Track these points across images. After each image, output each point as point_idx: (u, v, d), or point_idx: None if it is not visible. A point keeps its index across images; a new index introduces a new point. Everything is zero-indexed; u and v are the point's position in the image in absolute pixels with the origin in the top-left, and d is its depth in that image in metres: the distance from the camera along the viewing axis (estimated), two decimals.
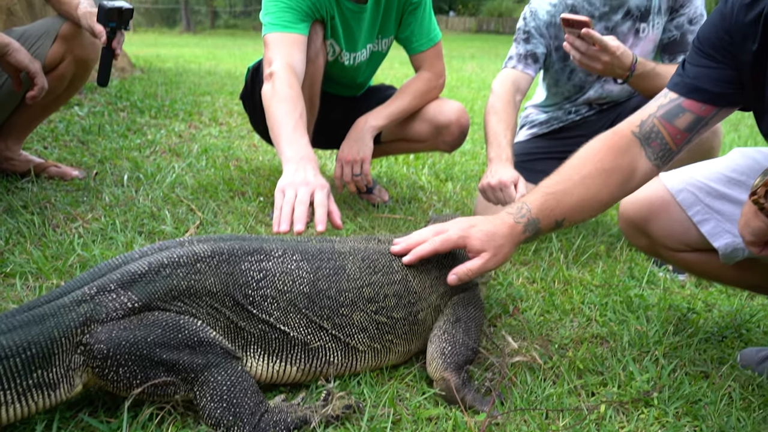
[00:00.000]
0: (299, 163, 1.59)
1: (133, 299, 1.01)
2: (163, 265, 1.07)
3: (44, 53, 2.17)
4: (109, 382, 0.98)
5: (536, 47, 2.22)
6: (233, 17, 31.81)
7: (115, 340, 0.97)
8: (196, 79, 6.26)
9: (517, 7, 26.85)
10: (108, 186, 2.32)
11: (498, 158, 2.05)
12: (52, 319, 0.97)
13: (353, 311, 1.19)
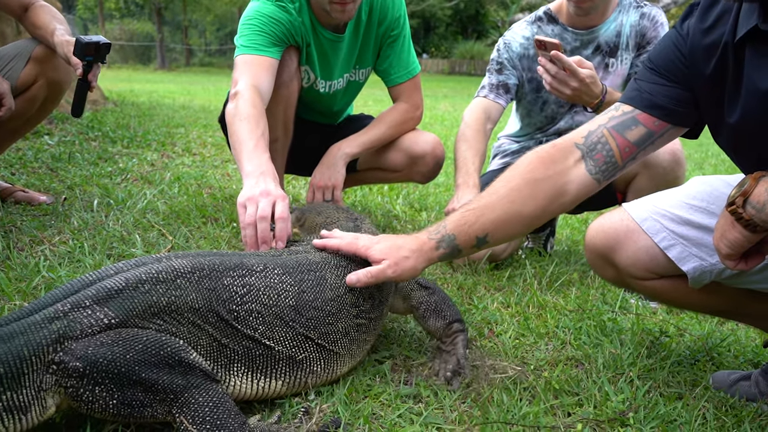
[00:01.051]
0: (259, 177, 1.58)
1: (109, 315, 0.97)
2: (141, 281, 1.03)
3: (16, 75, 2.14)
4: (84, 403, 0.92)
5: (508, 78, 2.27)
6: (208, 55, 32.04)
7: (92, 357, 0.91)
8: (170, 112, 6.25)
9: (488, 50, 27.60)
10: (77, 211, 2.27)
11: (465, 184, 2.10)
12: (21, 337, 0.91)
13: (338, 318, 1.21)
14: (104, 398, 0.92)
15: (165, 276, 1.05)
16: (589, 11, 2.11)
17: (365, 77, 2.35)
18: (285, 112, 2.16)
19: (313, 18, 2.08)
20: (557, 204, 1.31)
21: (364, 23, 2.16)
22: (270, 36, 2.00)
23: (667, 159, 1.97)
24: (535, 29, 2.23)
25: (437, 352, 1.39)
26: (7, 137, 2.35)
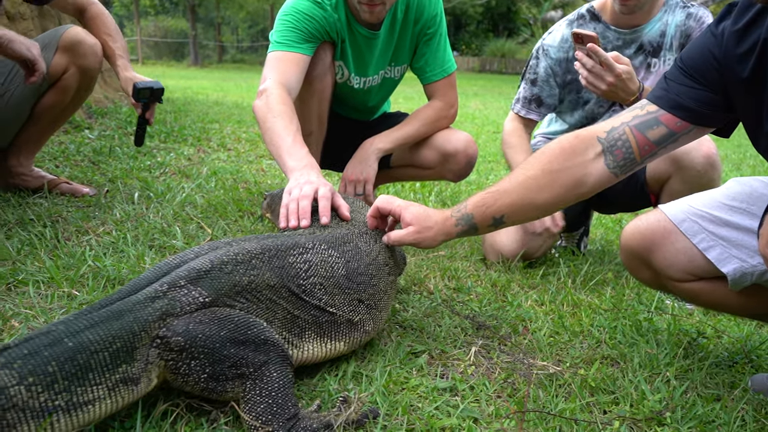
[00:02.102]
0: (303, 170, 1.63)
1: (203, 294, 1.06)
2: (224, 262, 1.12)
3: (47, 65, 2.18)
4: (180, 376, 1.00)
5: (541, 91, 2.28)
6: (240, 52, 32.38)
7: (191, 333, 1.00)
8: (204, 108, 6.35)
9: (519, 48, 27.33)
10: (119, 203, 2.33)
11: None
12: (130, 315, 0.99)
13: (378, 279, 1.37)
14: (198, 372, 1.00)
15: (242, 257, 1.15)
16: (634, 10, 2.08)
17: (400, 74, 2.36)
18: (319, 105, 2.19)
19: (349, 14, 2.10)
20: (574, 194, 1.35)
21: (400, 21, 2.17)
22: (303, 32, 2.03)
23: (701, 162, 1.94)
24: (575, 28, 2.22)
25: None
26: (47, 128, 2.41)
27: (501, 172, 4.25)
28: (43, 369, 0.88)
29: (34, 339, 0.91)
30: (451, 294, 1.83)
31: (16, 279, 1.59)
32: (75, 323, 0.95)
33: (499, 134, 6.47)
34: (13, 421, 0.83)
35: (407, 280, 1.87)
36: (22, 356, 0.88)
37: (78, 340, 0.92)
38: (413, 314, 1.64)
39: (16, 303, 1.47)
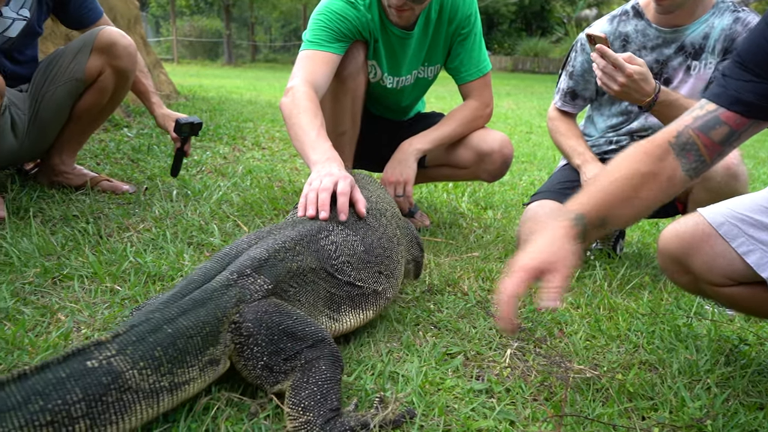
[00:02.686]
0: (325, 163, 1.63)
1: (267, 281, 1.15)
2: (277, 250, 1.22)
3: (82, 67, 2.24)
4: (243, 359, 1.08)
5: (577, 85, 2.28)
6: (273, 51, 32.68)
7: (259, 321, 1.08)
8: (238, 107, 6.42)
9: (552, 47, 27.00)
10: (158, 200, 2.38)
11: (585, 162, 2.20)
12: (211, 302, 1.07)
13: (391, 251, 1.48)
14: (256, 358, 1.07)
15: (289, 244, 1.25)
16: (670, 9, 2.04)
17: (434, 74, 2.36)
18: (352, 104, 2.21)
19: (382, 14, 2.11)
20: (666, 196, 1.30)
21: (434, 21, 2.17)
22: (335, 32, 2.05)
23: (721, 173, 1.90)
24: (615, 24, 2.19)
25: None
26: (86, 128, 2.47)
27: (534, 172, 4.21)
28: (151, 354, 0.95)
29: (138, 326, 0.98)
30: (486, 295, 1.82)
31: (62, 273, 1.64)
32: (168, 311, 1.02)
33: (532, 134, 6.42)
34: (128, 402, 0.91)
35: (441, 281, 1.87)
36: (132, 343, 0.95)
37: (175, 327, 1.00)
38: (447, 315, 1.63)
39: (62, 297, 1.52)
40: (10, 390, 0.82)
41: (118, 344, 0.94)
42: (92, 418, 0.87)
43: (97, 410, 0.87)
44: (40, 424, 0.81)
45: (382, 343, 1.41)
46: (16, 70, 2.26)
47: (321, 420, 1.00)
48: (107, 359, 0.91)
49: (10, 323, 1.35)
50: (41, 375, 0.85)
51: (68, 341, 1.28)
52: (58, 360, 0.88)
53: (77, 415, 0.85)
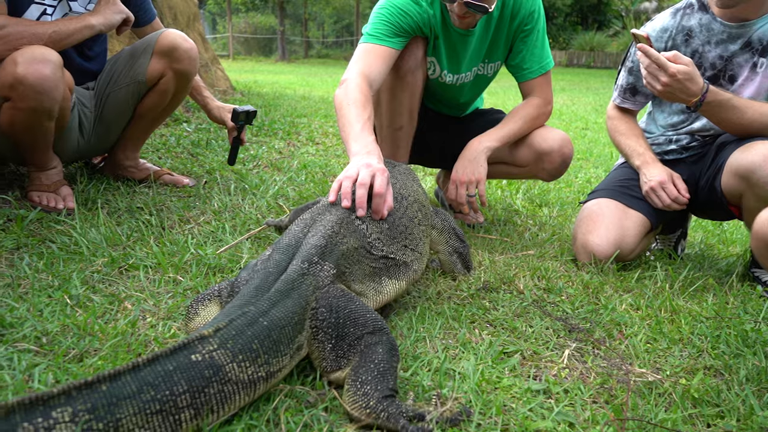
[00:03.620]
0: (364, 155, 1.63)
1: (331, 267, 1.24)
2: (330, 236, 1.30)
3: (144, 70, 2.31)
4: (315, 341, 1.14)
5: (637, 80, 2.22)
6: (325, 47, 32.96)
7: (330, 306, 1.16)
8: (292, 102, 6.51)
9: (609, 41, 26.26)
10: (216, 194, 2.44)
11: (645, 164, 2.15)
12: (295, 292, 1.14)
13: (413, 228, 1.58)
14: (326, 341, 1.13)
15: (336, 229, 1.33)
16: (729, 4, 1.95)
17: (494, 72, 2.33)
18: (410, 99, 2.20)
19: (444, 12, 2.10)
20: None
21: (496, 18, 2.14)
22: (395, 26, 2.05)
23: (765, 177, 1.81)
24: (679, 18, 2.11)
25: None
26: (148, 126, 2.55)
27: (590, 170, 4.12)
28: (249, 346, 1.01)
29: (236, 320, 1.03)
30: (542, 294, 1.79)
31: (127, 263, 1.70)
32: (261, 304, 1.08)
33: (587, 131, 6.27)
34: (228, 393, 0.97)
35: (496, 279, 1.85)
36: (232, 336, 1.00)
37: (270, 319, 1.06)
38: (503, 313, 1.62)
39: (128, 286, 1.58)
40: (125, 380, 0.87)
41: (219, 338, 0.99)
42: (196, 408, 0.92)
43: (200, 401, 0.93)
44: (150, 413, 0.87)
45: (438, 340, 1.41)
46: (85, 64, 2.35)
47: (378, 395, 1.03)
48: (209, 353, 0.96)
49: (81, 310, 1.41)
50: (152, 367, 0.90)
51: (135, 329, 1.33)
52: (165, 353, 0.93)
53: (183, 405, 0.90)
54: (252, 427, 0.99)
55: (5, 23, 1.90)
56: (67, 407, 0.81)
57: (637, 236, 2.09)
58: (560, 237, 2.41)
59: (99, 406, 0.83)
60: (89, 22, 2.10)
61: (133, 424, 0.85)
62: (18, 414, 0.78)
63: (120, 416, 0.84)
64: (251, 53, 29.94)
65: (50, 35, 1.99)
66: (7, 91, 1.90)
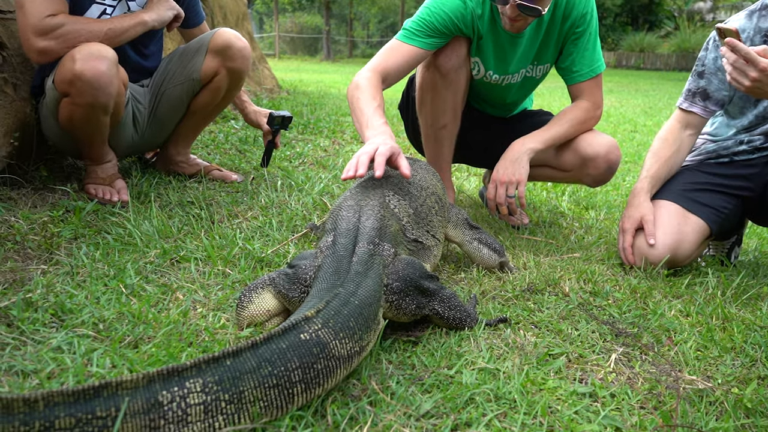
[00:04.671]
0: (376, 136, 1.74)
1: (390, 246, 1.38)
2: (380, 219, 1.44)
3: (199, 68, 2.37)
4: (400, 310, 1.31)
5: (708, 84, 2.13)
6: (370, 47, 33.09)
7: (402, 277, 1.31)
8: (336, 101, 6.57)
9: (659, 42, 25.60)
10: (263, 190, 2.49)
11: (633, 192, 2.17)
12: (371, 272, 1.26)
13: (431, 216, 1.68)
14: (409, 304, 1.31)
15: (384, 212, 1.47)
16: None
17: (543, 74, 2.30)
18: (454, 98, 2.20)
19: (495, 12, 2.08)
20: None
21: (547, 21, 2.11)
22: (428, 27, 2.07)
23: None
24: (755, 20, 2.04)
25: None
26: (200, 123, 2.61)
27: (638, 173, 4.03)
28: (347, 324, 1.10)
29: (332, 302, 1.12)
30: (588, 297, 1.77)
31: (179, 255, 1.75)
32: (348, 286, 1.19)
33: (636, 133, 6.14)
34: (332, 367, 1.05)
35: (541, 280, 1.83)
36: (332, 316, 1.09)
37: (359, 298, 1.17)
38: (548, 315, 1.60)
39: (179, 277, 1.62)
40: (245, 356, 0.95)
41: (321, 318, 1.07)
42: (306, 382, 1.00)
43: (310, 376, 1.01)
44: (268, 386, 0.96)
45: (483, 339, 1.40)
46: (141, 62, 2.43)
47: (470, 318, 1.41)
48: (315, 332, 1.05)
49: (135, 299, 1.46)
50: (268, 345, 0.98)
51: (186, 318, 1.37)
52: (278, 333, 1.01)
53: (295, 380, 0.99)
54: (300, 418, 1.01)
55: (64, 21, 1.98)
56: (198, 378, 0.90)
57: (694, 243, 2.04)
58: (607, 240, 2.37)
59: (225, 378, 0.92)
60: (142, 19, 2.17)
61: (254, 397, 0.94)
62: (158, 383, 0.87)
63: (242, 388, 0.93)
64: (296, 52, 30.30)
65: (106, 32, 2.06)
66: (66, 87, 1.98)
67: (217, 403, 0.90)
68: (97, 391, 0.83)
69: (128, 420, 0.83)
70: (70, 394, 0.81)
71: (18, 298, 1.35)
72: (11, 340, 1.22)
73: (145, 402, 0.85)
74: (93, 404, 0.82)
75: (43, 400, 0.79)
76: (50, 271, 1.60)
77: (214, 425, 0.90)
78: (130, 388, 0.85)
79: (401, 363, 1.28)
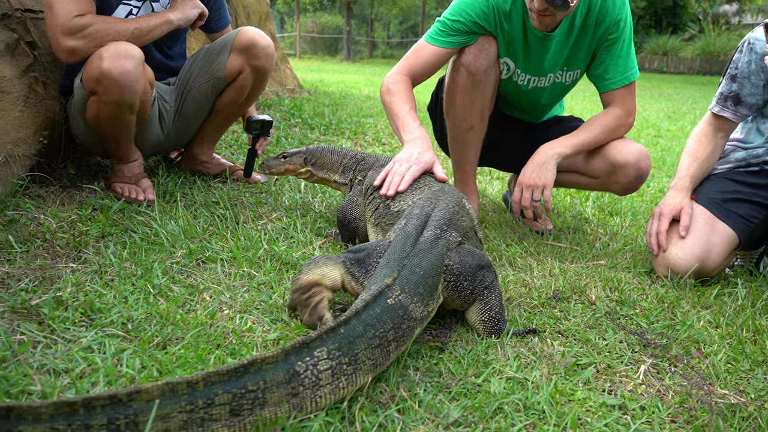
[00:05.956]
0: (414, 141, 1.92)
1: (457, 235, 1.50)
2: (454, 213, 1.58)
3: (224, 66, 2.38)
4: (455, 292, 1.41)
5: (741, 88, 2.08)
6: (390, 48, 33.09)
7: (462, 262, 1.42)
8: (358, 102, 6.57)
9: (683, 45, 25.24)
10: (287, 191, 2.49)
11: (674, 187, 2.11)
12: (434, 250, 1.40)
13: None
14: (465, 288, 1.41)
15: (456, 208, 1.60)
16: None
17: (572, 80, 2.27)
18: (482, 99, 2.18)
19: (525, 12, 2.06)
20: None
21: (579, 25, 2.09)
22: (452, 26, 2.07)
23: None
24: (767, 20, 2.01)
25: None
26: (224, 122, 2.62)
27: (663, 179, 3.97)
28: (418, 291, 1.27)
29: (403, 271, 1.28)
30: (614, 306, 1.74)
31: (204, 255, 1.76)
32: (413, 259, 1.34)
33: (660, 138, 6.06)
34: (411, 327, 1.22)
35: (566, 287, 1.81)
36: (405, 283, 1.25)
37: (423, 269, 1.32)
38: (575, 324, 1.58)
39: (205, 277, 1.63)
40: (353, 323, 1.11)
41: (399, 285, 1.24)
42: (397, 340, 1.17)
43: (399, 335, 1.18)
44: (373, 346, 1.12)
45: (509, 347, 1.39)
46: (166, 62, 2.45)
47: (504, 312, 1.46)
48: (397, 297, 1.22)
49: (162, 299, 1.47)
50: (368, 311, 1.15)
51: (214, 320, 1.38)
52: (370, 299, 1.17)
53: (390, 338, 1.16)
54: (328, 424, 1.01)
55: (92, 21, 2.00)
56: (323, 347, 1.05)
57: (723, 254, 2.00)
58: (633, 248, 2.33)
59: (342, 345, 1.07)
60: (168, 18, 2.19)
61: (365, 357, 1.10)
62: (292, 355, 1.01)
63: (356, 351, 1.08)
64: (317, 52, 30.40)
65: (132, 31, 2.08)
66: (93, 85, 2.00)
67: (339, 366, 1.05)
68: (246, 369, 0.95)
69: (274, 390, 0.97)
70: (225, 373, 0.93)
71: (48, 296, 1.36)
72: (42, 338, 1.23)
73: (286, 373, 0.99)
74: (244, 380, 0.95)
75: (202, 380, 0.91)
76: (79, 269, 1.61)
77: (339, 386, 1.05)
78: (271, 363, 0.98)
79: (428, 370, 1.27)
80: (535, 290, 1.77)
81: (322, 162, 2.21)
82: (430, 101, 2.53)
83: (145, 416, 0.86)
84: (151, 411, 0.86)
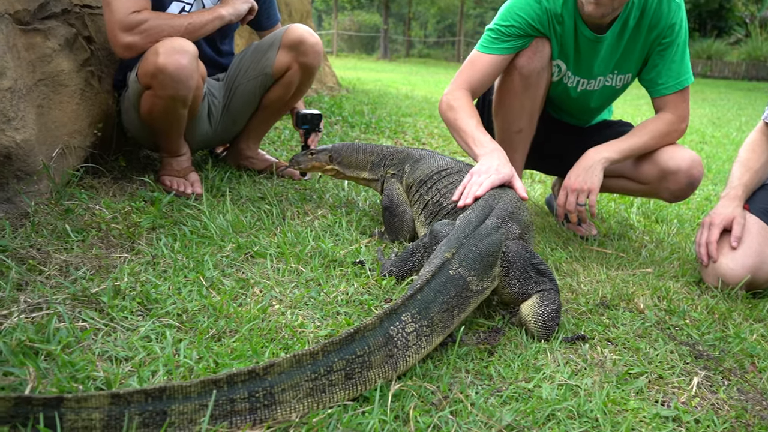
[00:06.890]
0: (489, 154, 1.86)
1: (517, 228, 1.57)
2: (517, 208, 1.64)
3: (272, 63, 2.40)
4: (506, 279, 1.48)
5: None
6: (426, 47, 33.04)
7: (518, 252, 1.49)
8: (396, 101, 6.58)
9: (728, 49, 24.61)
10: (331, 188, 2.51)
11: (726, 196, 2.07)
12: (492, 236, 1.49)
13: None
14: (515, 278, 1.48)
15: (518, 204, 1.67)
16: None
17: (623, 84, 2.23)
18: (532, 102, 2.16)
19: (576, 14, 2.04)
20: None
21: (631, 28, 2.05)
22: (505, 32, 2.05)
23: None
24: None
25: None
26: (270, 118, 2.65)
27: (708, 186, 3.89)
28: (474, 266, 1.39)
29: (460, 248, 1.40)
30: (663, 316, 1.71)
31: (253, 250, 1.78)
32: (471, 240, 1.44)
33: (704, 144, 5.93)
34: (468, 298, 1.36)
35: (614, 295, 1.79)
36: (463, 258, 1.38)
37: (481, 248, 1.43)
38: (624, 332, 1.56)
39: (254, 272, 1.65)
40: (426, 291, 1.26)
41: (458, 259, 1.37)
42: (458, 307, 1.31)
43: (461, 302, 1.32)
44: (443, 311, 1.27)
45: (559, 353, 1.38)
46: (215, 57, 2.49)
47: (554, 320, 1.45)
48: (457, 269, 1.35)
49: (215, 291, 1.50)
50: (435, 279, 1.30)
51: (266, 314, 1.40)
52: (434, 271, 1.31)
53: (454, 305, 1.30)
54: (383, 423, 1.01)
55: (148, 17, 2.05)
56: (407, 312, 1.20)
57: None
58: (680, 256, 2.29)
59: (420, 309, 1.22)
60: (219, 13, 2.23)
61: (438, 320, 1.25)
62: (386, 321, 1.16)
63: (431, 315, 1.24)
64: (354, 50, 30.50)
65: (186, 27, 2.13)
66: (148, 80, 2.05)
67: (421, 329, 1.20)
68: (353, 336, 1.09)
69: (376, 354, 1.11)
70: (338, 342, 1.07)
71: (108, 285, 1.40)
72: (103, 326, 1.27)
73: (383, 337, 1.14)
74: (353, 347, 1.09)
75: (321, 351, 1.05)
76: (133, 259, 1.65)
77: (421, 346, 1.20)
78: (371, 329, 1.13)
79: (478, 373, 1.27)
80: (582, 296, 1.75)
81: (348, 161, 2.21)
82: (477, 103, 2.52)
83: (279, 387, 1.00)
84: (284, 382, 1.01)
